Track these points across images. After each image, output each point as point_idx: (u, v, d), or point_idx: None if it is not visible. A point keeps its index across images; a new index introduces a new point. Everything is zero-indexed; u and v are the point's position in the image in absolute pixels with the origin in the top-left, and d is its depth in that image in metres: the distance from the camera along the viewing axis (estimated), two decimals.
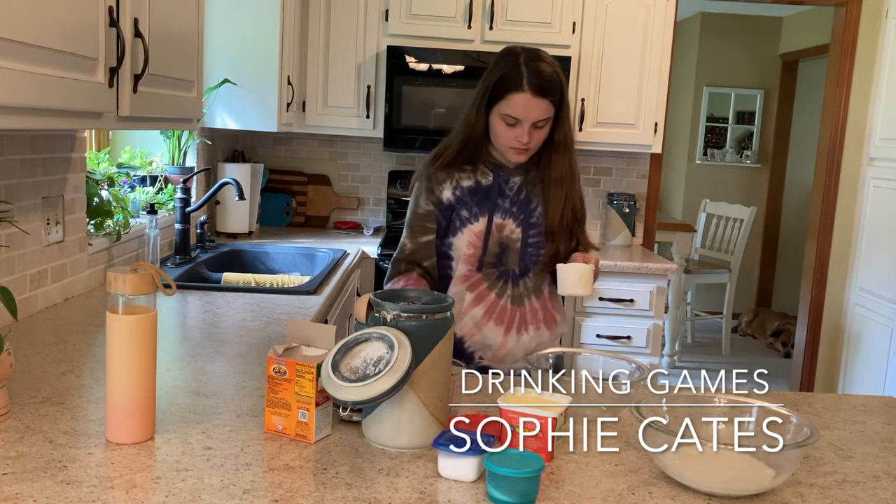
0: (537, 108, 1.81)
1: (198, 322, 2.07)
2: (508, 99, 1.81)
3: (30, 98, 1.30)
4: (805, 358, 4.40)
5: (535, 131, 1.85)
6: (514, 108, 1.81)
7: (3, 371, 1.27)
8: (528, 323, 1.94)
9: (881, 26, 3.99)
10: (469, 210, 1.92)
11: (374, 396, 1.16)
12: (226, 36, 3.16)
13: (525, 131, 1.82)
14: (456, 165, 1.93)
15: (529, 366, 1.48)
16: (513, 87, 1.81)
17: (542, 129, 1.86)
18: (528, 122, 1.82)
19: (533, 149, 1.88)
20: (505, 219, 1.92)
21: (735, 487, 1.13)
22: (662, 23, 3.67)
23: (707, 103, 6.91)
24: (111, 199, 2.44)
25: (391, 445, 1.24)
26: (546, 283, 1.98)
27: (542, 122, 1.84)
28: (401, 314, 1.24)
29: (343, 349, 1.22)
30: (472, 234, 1.91)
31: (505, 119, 1.83)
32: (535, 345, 1.92)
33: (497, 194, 1.92)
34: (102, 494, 1.04)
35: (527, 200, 1.94)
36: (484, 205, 1.92)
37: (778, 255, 6.88)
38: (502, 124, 1.84)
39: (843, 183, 4.20)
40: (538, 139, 1.87)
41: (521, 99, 1.80)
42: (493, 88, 1.85)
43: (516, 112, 1.81)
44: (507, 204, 1.93)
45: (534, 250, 1.93)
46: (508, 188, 1.94)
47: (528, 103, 1.80)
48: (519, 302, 1.93)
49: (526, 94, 1.80)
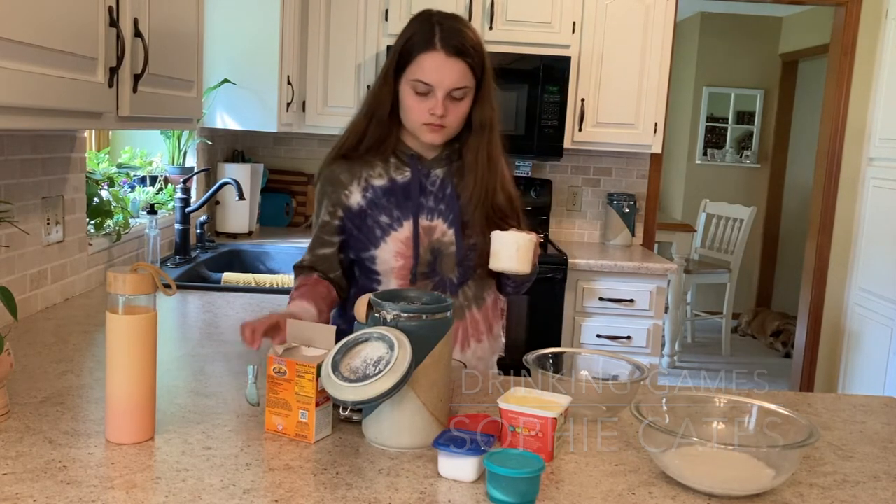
0: (452, 72, 1.55)
1: (198, 322, 2.07)
2: (418, 61, 1.56)
3: (30, 98, 1.30)
4: (805, 358, 4.40)
5: (453, 104, 1.58)
6: (424, 72, 1.56)
7: (3, 371, 1.27)
8: (470, 336, 1.70)
9: (881, 26, 3.99)
10: (389, 214, 1.65)
11: (373, 397, 1.16)
12: (226, 36, 3.16)
13: (439, 101, 1.56)
14: (360, 158, 1.67)
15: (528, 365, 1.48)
16: (423, 46, 1.56)
17: (461, 102, 1.59)
18: (443, 88, 1.56)
19: (450, 126, 1.61)
20: (432, 219, 1.65)
21: (735, 487, 1.13)
22: (662, 23, 3.67)
23: (707, 103, 6.91)
24: (111, 199, 2.44)
25: (391, 445, 1.24)
26: (488, 291, 1.75)
27: (460, 91, 1.57)
28: (401, 314, 1.24)
29: (343, 349, 1.22)
30: (399, 242, 1.64)
31: (415, 86, 1.57)
32: (475, 360, 1.71)
33: (419, 192, 1.66)
34: (102, 494, 1.04)
35: (454, 195, 1.67)
36: (405, 206, 1.65)
37: (778, 255, 6.88)
38: (412, 95, 1.58)
39: (843, 183, 4.20)
40: (456, 114, 1.60)
41: (433, 59, 1.55)
42: (402, 52, 1.59)
43: (427, 76, 1.55)
44: (431, 202, 1.66)
45: (472, 253, 1.67)
46: (430, 183, 1.67)
47: (442, 65, 1.55)
48: (460, 315, 1.68)
49: (439, 54, 1.55)
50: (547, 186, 4.01)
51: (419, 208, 1.65)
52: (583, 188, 4.15)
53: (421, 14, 1.64)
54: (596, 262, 3.50)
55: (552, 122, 3.62)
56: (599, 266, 3.50)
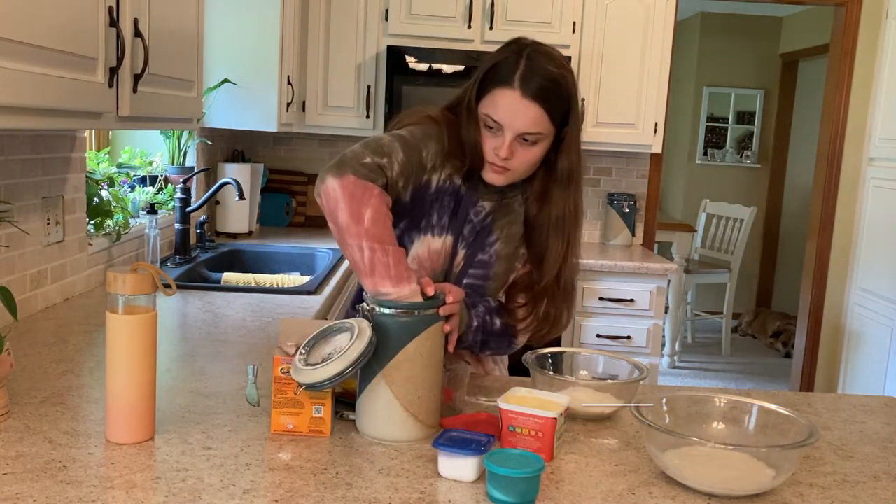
0: (525, 115, 1.41)
1: (198, 322, 2.07)
2: (493, 95, 1.43)
3: (30, 98, 1.30)
4: (805, 358, 4.40)
5: (522, 148, 1.45)
6: (496, 108, 1.43)
7: (3, 371, 1.27)
8: None
9: (881, 26, 3.99)
10: (440, 217, 1.54)
11: (321, 380, 1.20)
12: (226, 36, 3.16)
13: (506, 143, 1.43)
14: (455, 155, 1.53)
15: (527, 365, 1.48)
16: (501, 80, 1.42)
17: (533, 147, 1.45)
18: (512, 131, 1.42)
19: (515, 171, 1.48)
20: (461, 247, 1.57)
21: (735, 487, 1.13)
22: (662, 23, 3.67)
23: (707, 103, 6.91)
24: (111, 199, 2.44)
25: (367, 434, 1.28)
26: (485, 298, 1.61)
27: (532, 136, 1.43)
28: (375, 308, 1.28)
29: (318, 336, 1.27)
30: (428, 248, 1.55)
31: (485, 121, 1.45)
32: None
33: (464, 216, 1.55)
34: (102, 494, 1.04)
35: (486, 231, 1.56)
36: (452, 222, 1.55)
37: (778, 255, 6.88)
38: (483, 127, 1.46)
39: (843, 183, 4.20)
40: (524, 159, 1.46)
41: (508, 98, 1.41)
42: (482, 80, 1.46)
43: (498, 114, 1.42)
44: (467, 230, 1.56)
45: (469, 290, 1.55)
46: (475, 212, 1.56)
47: (514, 105, 1.41)
48: None
49: (514, 93, 1.41)
50: None
51: (460, 232, 1.55)
52: (583, 188, 4.14)
53: (515, 41, 1.48)
54: (596, 262, 3.50)
55: None
56: (599, 266, 3.50)
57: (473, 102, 1.48)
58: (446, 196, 1.54)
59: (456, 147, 1.51)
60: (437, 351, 1.31)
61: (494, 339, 1.58)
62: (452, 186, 1.55)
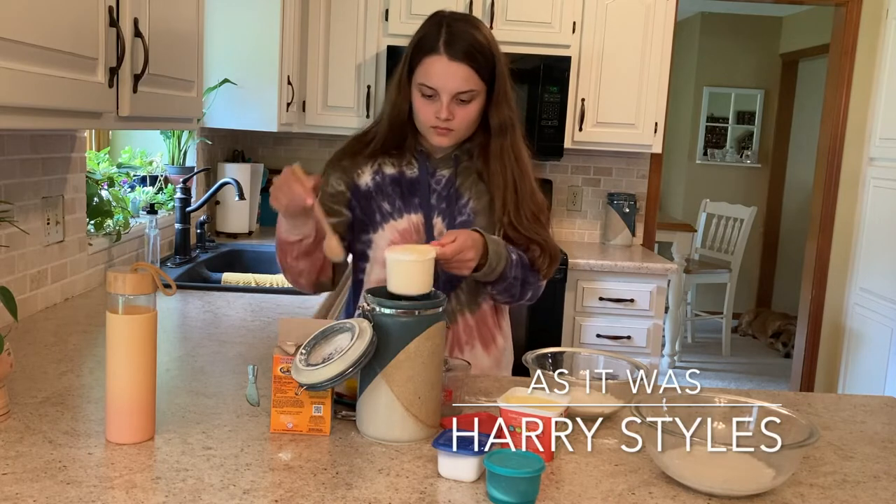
0: (455, 76, 1.54)
1: (198, 322, 2.07)
2: (424, 64, 1.56)
3: (30, 98, 1.30)
4: (805, 358, 4.40)
5: (460, 107, 1.58)
6: (428, 75, 1.56)
7: (3, 371, 1.27)
8: (464, 343, 1.68)
9: (881, 26, 3.99)
10: (391, 203, 1.66)
11: (321, 381, 1.20)
12: (226, 36, 3.16)
13: (444, 105, 1.56)
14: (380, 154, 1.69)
15: (527, 365, 1.48)
16: (429, 50, 1.56)
17: (469, 105, 1.59)
18: (447, 93, 1.56)
19: (458, 130, 1.61)
20: (434, 217, 1.66)
21: (735, 487, 1.13)
22: (662, 23, 3.67)
23: (707, 103, 6.91)
24: (111, 199, 2.44)
25: (367, 434, 1.28)
26: (484, 295, 1.70)
27: (466, 94, 1.57)
28: (376, 308, 1.28)
29: (320, 336, 1.27)
30: (395, 232, 1.65)
31: (422, 90, 1.58)
32: None
33: (427, 188, 1.66)
34: (102, 494, 1.04)
35: (456, 195, 1.67)
36: (408, 200, 1.66)
37: (778, 255, 6.88)
38: (420, 98, 1.59)
39: (843, 183, 4.20)
40: (463, 118, 1.59)
41: (437, 63, 1.55)
42: (411, 55, 1.60)
43: (431, 80, 1.56)
44: (434, 199, 1.67)
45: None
46: (435, 181, 1.67)
47: (445, 69, 1.54)
48: (451, 319, 1.65)
49: (442, 58, 1.54)
50: (547, 186, 4.01)
51: (430, 207, 1.66)
52: (583, 188, 4.15)
53: (433, 16, 1.62)
54: (596, 261, 3.50)
55: (552, 122, 3.62)
56: (600, 266, 3.50)
57: (405, 78, 1.61)
58: (388, 186, 1.67)
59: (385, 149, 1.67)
60: (438, 351, 1.31)
61: (531, 275, 1.68)
62: (391, 176, 1.68)
